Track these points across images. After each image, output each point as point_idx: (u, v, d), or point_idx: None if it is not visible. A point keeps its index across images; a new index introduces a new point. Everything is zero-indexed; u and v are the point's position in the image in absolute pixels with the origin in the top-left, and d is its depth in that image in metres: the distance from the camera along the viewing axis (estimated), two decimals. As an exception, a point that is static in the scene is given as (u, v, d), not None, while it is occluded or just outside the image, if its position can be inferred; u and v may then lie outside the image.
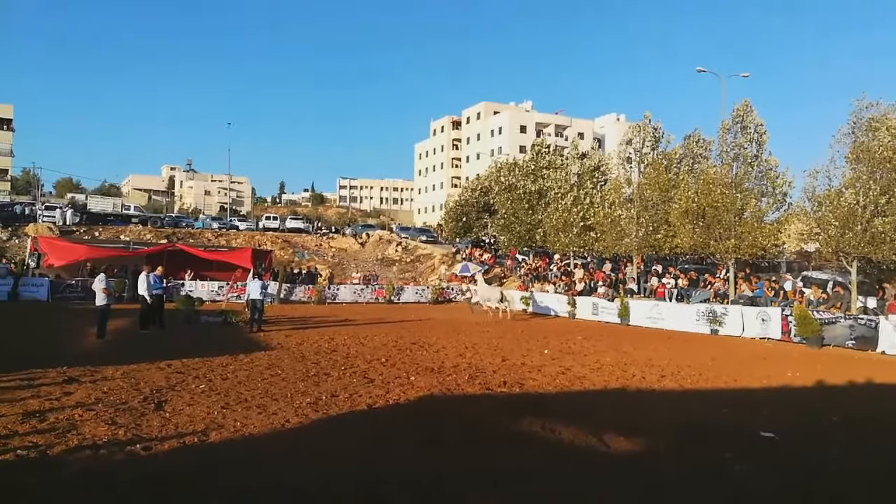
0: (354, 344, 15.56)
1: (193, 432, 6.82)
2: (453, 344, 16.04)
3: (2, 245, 38.99)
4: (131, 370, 10.63)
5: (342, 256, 51.13)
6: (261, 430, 7.06)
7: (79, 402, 8.09)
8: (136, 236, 44.71)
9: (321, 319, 22.90)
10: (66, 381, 9.44)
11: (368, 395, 9.10)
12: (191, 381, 9.88)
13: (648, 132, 29.93)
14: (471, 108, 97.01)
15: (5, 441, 6.30)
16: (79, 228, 45.77)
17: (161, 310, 17.65)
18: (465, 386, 10.11)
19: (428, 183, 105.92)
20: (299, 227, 61.68)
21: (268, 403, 8.37)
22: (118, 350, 13.18)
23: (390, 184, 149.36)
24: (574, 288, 29.77)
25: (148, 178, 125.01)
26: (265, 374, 10.77)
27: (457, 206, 50.36)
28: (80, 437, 6.51)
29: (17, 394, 8.47)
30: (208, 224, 58.03)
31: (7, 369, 10.08)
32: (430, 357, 13.49)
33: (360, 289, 35.74)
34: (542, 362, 13.04)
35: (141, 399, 8.42)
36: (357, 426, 7.50)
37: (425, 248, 53.01)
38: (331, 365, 12.00)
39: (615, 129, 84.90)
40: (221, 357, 12.41)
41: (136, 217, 51.97)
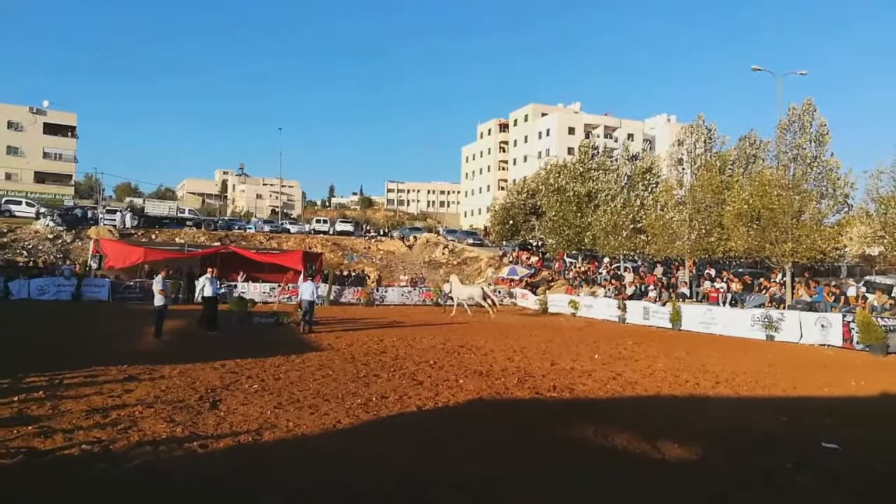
0: (403, 346, 15.65)
1: (247, 431, 6.95)
2: (501, 347, 15.97)
3: (66, 247, 40.58)
4: (187, 369, 10.90)
5: (390, 259, 51.54)
6: (313, 430, 7.15)
7: (139, 400, 8.34)
8: (190, 239, 45.92)
9: (370, 321, 23.12)
10: (126, 379, 9.76)
11: (418, 398, 9.13)
12: (244, 380, 10.08)
13: (702, 133, 29.30)
14: (518, 110, 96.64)
15: (71, 435, 6.53)
16: (137, 231, 47.28)
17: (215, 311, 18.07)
18: (515, 390, 10.05)
19: (474, 186, 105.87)
20: (348, 230, 62.39)
21: (319, 404, 8.47)
22: (174, 350, 13.56)
23: (437, 187, 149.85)
24: (624, 292, 29.33)
25: (202, 182, 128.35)
26: (316, 374, 10.92)
27: (503, 208, 50.22)
28: (140, 433, 6.70)
29: (81, 390, 8.79)
30: (260, 227, 59.22)
31: (71, 366, 10.48)
32: (479, 360, 13.46)
33: (407, 291, 36.00)
34: (593, 367, 12.86)
35: (197, 398, 8.63)
36: (407, 428, 7.52)
37: (472, 251, 52.99)
38: (380, 366, 12.09)
39: (666, 131, 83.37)
40: (274, 357, 12.64)
41: (190, 220, 53.45)
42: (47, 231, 42.88)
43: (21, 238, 41.08)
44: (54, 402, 8.01)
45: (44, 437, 6.40)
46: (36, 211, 47.96)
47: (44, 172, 75.22)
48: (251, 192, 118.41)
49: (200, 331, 17.18)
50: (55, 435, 6.51)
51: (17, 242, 40.08)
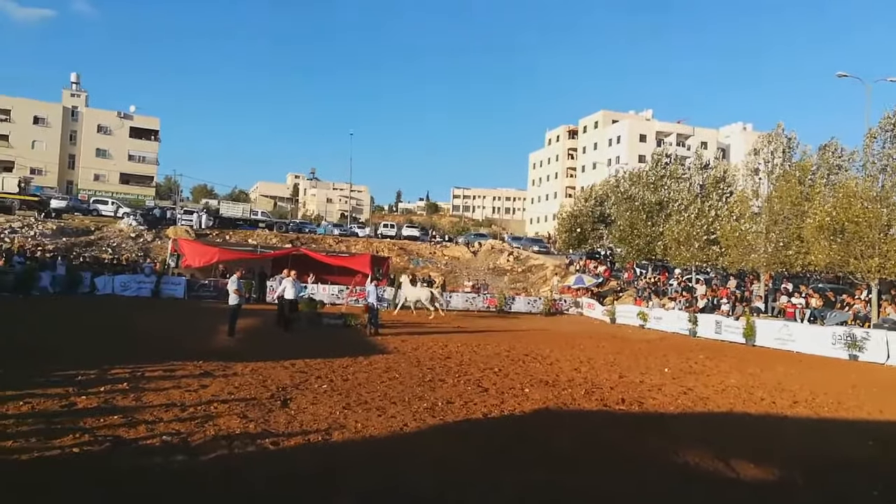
0: (467, 352, 15.66)
1: (317, 431, 7.10)
2: (567, 357, 15.78)
3: (146, 245, 42.47)
4: (259, 367, 11.22)
5: (454, 264, 51.70)
6: (380, 432, 7.25)
7: (214, 395, 8.63)
8: (263, 240, 47.25)
9: (434, 326, 23.23)
10: (202, 375, 10.13)
11: (483, 405, 9.12)
12: (313, 380, 10.30)
13: (781, 142, 28.20)
14: (588, 116, 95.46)
15: (152, 427, 6.82)
16: (212, 232, 49.00)
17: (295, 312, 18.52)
18: (582, 401, 9.91)
19: (541, 192, 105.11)
20: (414, 234, 62.93)
21: (386, 406, 8.57)
22: (247, 348, 13.98)
23: (503, 193, 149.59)
24: (695, 304, 28.50)
25: (274, 186, 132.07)
26: (383, 377, 11.05)
27: (571, 216, 49.58)
28: (216, 427, 6.94)
29: (160, 384, 9.17)
30: (329, 230, 60.43)
31: (151, 360, 10.95)
32: (544, 369, 13.33)
33: (471, 297, 35.98)
34: (662, 381, 12.55)
35: (268, 396, 8.87)
36: (473, 434, 7.53)
37: (537, 259, 52.59)
38: (445, 371, 12.14)
39: (741, 139, 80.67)
40: (342, 359, 12.86)
41: (263, 222, 55.08)
42: (130, 230, 45.00)
43: (106, 236, 43.24)
44: (137, 394, 8.40)
45: (128, 427, 6.71)
46: (115, 210, 50.42)
47: (128, 174, 79.14)
48: (321, 196, 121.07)
49: (275, 330, 17.63)
50: (138, 425, 6.82)
51: (103, 240, 42.19)
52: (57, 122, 76.97)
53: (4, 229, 38.36)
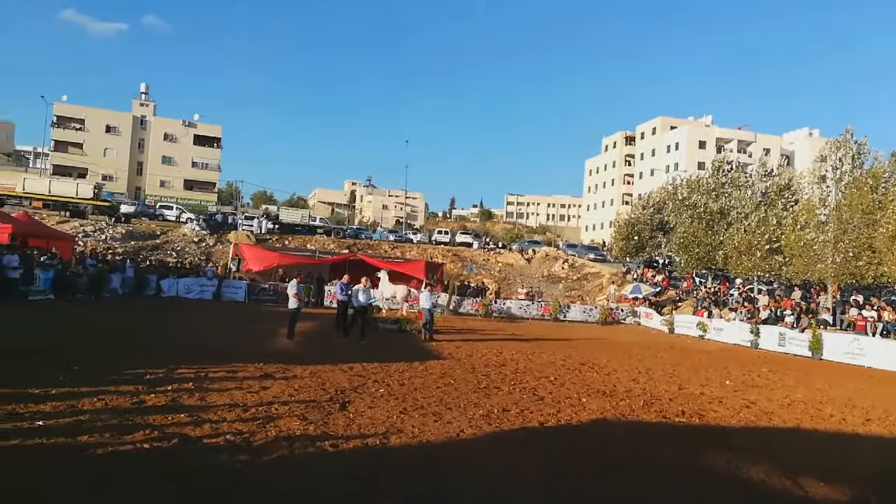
0: (522, 359, 15.58)
1: (375, 434, 7.18)
2: (625, 367, 15.52)
3: (209, 250, 43.79)
4: (317, 370, 11.41)
5: (508, 271, 51.50)
6: (437, 437, 7.27)
7: (275, 397, 8.83)
8: (320, 246, 48.12)
9: (488, 332, 23.21)
10: (262, 377, 10.36)
11: (540, 413, 9.05)
12: (371, 384, 10.42)
13: (850, 148, 27.14)
14: (646, 123, 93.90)
15: (216, 426, 7.02)
16: (271, 237, 50.19)
17: (345, 316, 18.71)
18: (640, 412, 9.73)
19: (597, 199, 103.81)
20: (468, 241, 63.00)
21: (443, 412, 8.61)
22: (305, 351, 14.25)
23: (557, 200, 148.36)
24: (758, 315, 27.63)
25: (331, 192, 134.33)
26: (439, 382, 11.10)
27: (628, 223, 48.78)
28: (277, 428, 7.09)
29: (223, 384, 9.43)
30: (385, 236, 61.11)
31: (215, 361, 11.28)
32: (601, 379, 13.15)
33: (525, 304, 35.76)
34: (724, 394, 12.21)
35: (327, 398, 9.01)
36: (530, 443, 7.49)
37: (593, 267, 51.92)
38: (500, 379, 12.10)
39: (807, 145, 78.00)
40: (397, 363, 12.97)
41: (320, 228, 56.10)
42: (193, 234, 46.50)
43: (171, 240, 44.78)
44: (201, 393, 8.65)
45: (194, 426, 6.92)
46: (177, 215, 52.17)
47: (192, 180, 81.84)
48: (377, 203, 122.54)
49: (333, 334, 17.86)
50: (203, 424, 7.03)
51: (168, 244, 43.71)
52: (127, 130, 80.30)
53: (79, 233, 40.13)
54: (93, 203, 48.39)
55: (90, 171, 72.97)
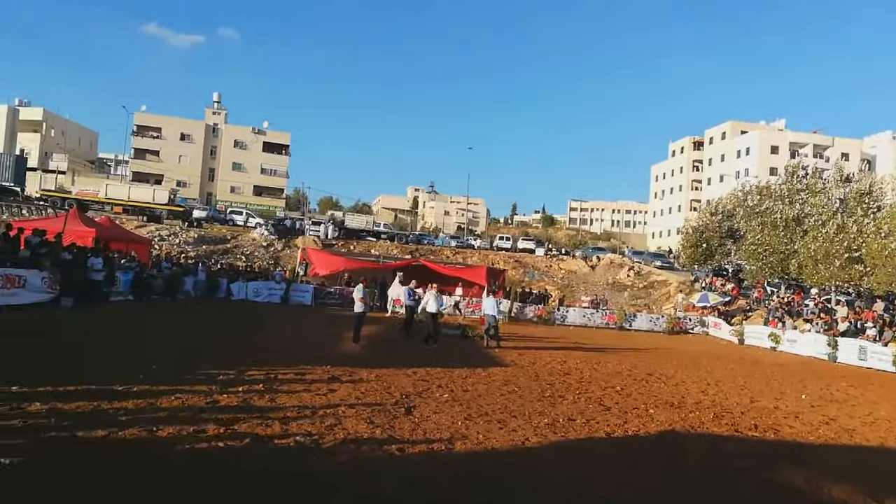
0: (587, 368, 15.36)
1: (440, 440, 7.21)
2: (693, 378, 15.11)
3: (277, 254, 44.97)
4: (382, 374, 11.55)
5: (571, 278, 50.90)
6: (502, 445, 7.25)
7: (342, 400, 8.98)
8: (384, 251, 48.73)
9: (551, 340, 23.00)
10: (330, 379, 10.56)
11: (606, 423, 8.91)
12: (434, 389, 10.48)
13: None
14: (715, 127, 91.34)
15: (286, 427, 7.19)
16: (337, 242, 51.14)
17: (412, 321, 18.92)
18: (710, 425, 9.45)
19: (664, 206, 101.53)
20: (530, 247, 62.60)
21: (507, 419, 8.57)
22: (370, 354, 14.44)
23: (622, 206, 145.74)
24: (835, 327, 26.41)
25: (395, 199, 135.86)
26: (502, 389, 11.06)
27: (696, 230, 47.46)
28: (345, 431, 7.22)
29: (292, 386, 9.66)
30: (447, 242, 61.35)
31: (284, 364, 11.56)
32: (669, 390, 12.83)
33: (589, 312, 35.23)
34: (800, 408, 11.73)
35: (392, 402, 9.11)
36: (596, 453, 7.38)
37: (660, 275, 50.79)
38: (565, 388, 11.97)
39: (890, 149, 74.32)
40: (461, 369, 13.00)
41: (384, 233, 56.90)
42: (262, 239, 47.84)
43: (241, 245, 46.20)
44: (271, 395, 8.88)
45: (265, 426, 7.11)
46: (245, 220, 53.81)
47: (261, 186, 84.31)
48: (439, 209, 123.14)
49: (397, 338, 18.06)
50: (273, 425, 7.21)
51: (238, 249, 45.12)
52: (200, 138, 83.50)
53: (155, 237, 41.89)
54: (168, 208, 50.47)
55: (165, 178, 76.12)
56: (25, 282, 17.62)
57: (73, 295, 19.25)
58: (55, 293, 18.83)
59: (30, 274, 17.93)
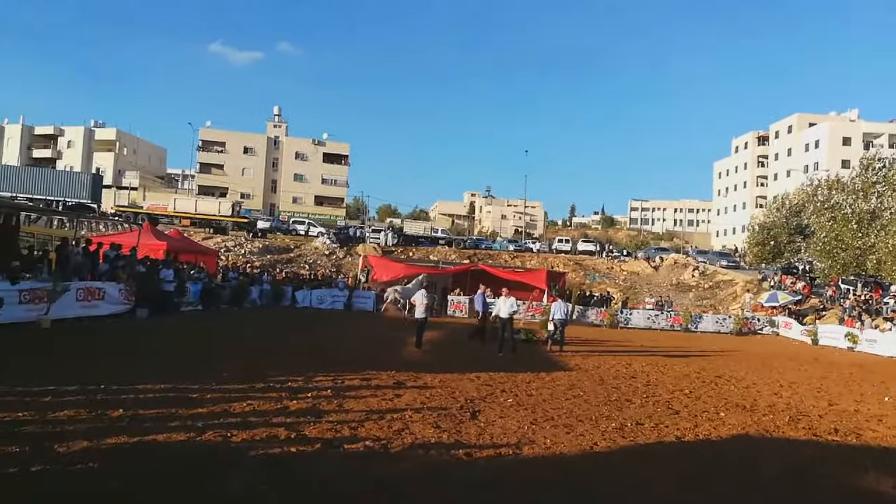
0: (653, 372, 15.07)
1: (507, 444, 7.20)
2: (765, 381, 14.62)
3: (339, 262, 45.80)
4: (446, 379, 11.61)
5: (634, 280, 50.05)
6: (570, 449, 7.19)
7: (408, 405, 9.07)
8: (443, 256, 49.04)
9: (615, 344, 22.65)
10: (395, 385, 10.69)
11: (676, 428, 8.72)
12: (499, 394, 10.47)
13: None
14: (780, 121, 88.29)
15: (355, 431, 7.32)
16: (396, 248, 51.74)
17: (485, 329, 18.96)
18: (786, 429, 9.12)
19: (728, 203, 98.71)
20: (590, 249, 61.85)
21: (574, 424, 8.50)
22: (433, 359, 14.55)
23: (685, 205, 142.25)
24: (918, 326, 25.11)
25: (451, 204, 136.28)
26: (567, 394, 10.96)
27: (763, 227, 45.93)
28: (412, 436, 7.29)
29: (359, 392, 9.81)
30: (505, 246, 61.25)
31: (350, 370, 11.76)
32: (740, 393, 12.46)
33: (653, 314, 34.54)
34: (883, 411, 11.19)
35: (458, 407, 9.14)
36: (667, 458, 7.23)
37: (725, 274, 49.42)
38: (631, 391, 11.77)
39: (976, 136, 70.16)
40: (524, 374, 12.94)
41: (442, 239, 57.27)
42: (324, 248, 48.85)
43: (304, 254, 47.29)
44: (339, 400, 9.04)
45: (334, 432, 7.25)
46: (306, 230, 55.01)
47: (322, 196, 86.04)
48: (496, 213, 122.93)
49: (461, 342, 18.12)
50: (343, 429, 7.35)
51: (301, 257, 46.20)
52: (262, 150, 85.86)
53: (221, 248, 43.27)
54: (233, 220, 52.08)
55: (230, 190, 78.57)
56: (104, 294, 18.49)
57: (148, 305, 20.07)
58: (131, 304, 19.68)
59: (108, 286, 18.80)
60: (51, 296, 15.91)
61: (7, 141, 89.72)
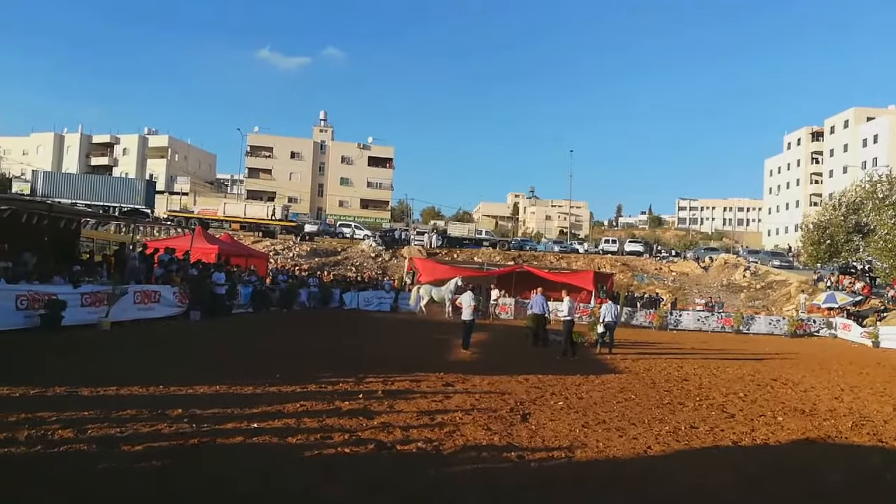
0: (706, 374, 14.76)
1: (559, 447, 7.15)
2: (824, 384, 14.17)
3: (384, 264, 46.18)
4: (495, 381, 11.59)
5: (683, 281, 49.10)
6: (624, 453, 7.09)
7: (458, 406, 9.08)
8: (487, 258, 48.99)
9: (665, 346, 22.30)
10: (444, 386, 10.73)
11: (732, 431, 8.52)
12: (548, 396, 10.40)
13: None
14: (835, 116, 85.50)
15: (406, 433, 7.36)
16: (441, 251, 51.88)
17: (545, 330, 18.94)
18: (849, 434, 8.82)
19: (780, 201, 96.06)
20: (638, 250, 60.94)
21: (626, 427, 8.38)
22: (480, 361, 14.55)
23: (735, 203, 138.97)
24: None
25: (495, 206, 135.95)
26: (618, 396, 10.83)
27: (818, 226, 44.51)
28: (464, 438, 7.30)
29: (409, 394, 9.87)
30: (550, 247, 60.81)
31: (399, 371, 11.85)
32: (798, 396, 12.10)
33: (704, 316, 33.82)
34: (952, 416, 10.72)
35: (508, 409, 9.11)
36: (724, 462, 7.06)
37: (778, 274, 48.08)
38: (684, 394, 11.55)
39: None
40: (573, 376, 12.84)
41: (486, 241, 57.20)
42: (370, 250, 49.32)
43: (350, 256, 47.84)
44: (390, 401, 9.11)
45: (386, 433, 7.31)
46: (351, 233, 55.62)
47: (367, 199, 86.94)
48: (540, 214, 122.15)
49: (510, 344, 18.06)
50: (395, 431, 7.40)
51: (348, 260, 46.75)
52: (308, 155, 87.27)
53: (270, 251, 44.09)
54: (281, 223, 53.02)
55: (278, 194, 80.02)
56: (160, 297, 19.04)
57: (200, 308, 20.59)
58: (184, 307, 20.22)
59: (163, 289, 19.37)
60: (110, 299, 16.47)
61: (67, 149, 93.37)
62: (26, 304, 14.29)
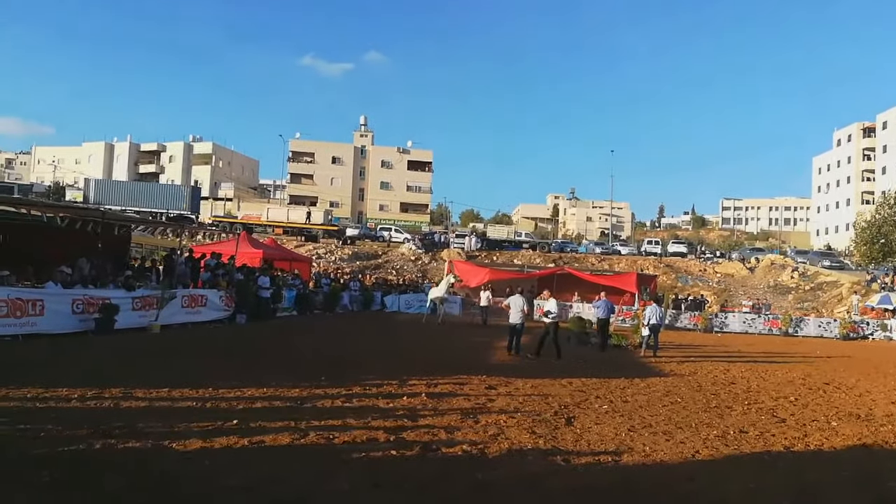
0: (754, 378, 14.43)
1: (605, 451, 7.07)
2: (880, 388, 13.71)
3: (424, 267, 46.37)
4: (538, 384, 11.54)
5: (728, 282, 48.11)
6: (671, 458, 6.99)
7: (501, 409, 9.07)
8: (527, 260, 48.74)
9: (711, 348, 21.90)
10: (487, 388, 10.72)
11: (783, 437, 8.32)
12: (593, 400, 10.31)
13: None
14: (889, 110, 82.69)
15: (451, 436, 7.37)
16: (480, 253, 51.83)
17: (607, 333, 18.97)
18: (908, 440, 8.53)
19: (829, 200, 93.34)
20: (681, 251, 59.91)
21: (673, 431, 8.26)
22: (522, 364, 14.49)
23: (781, 202, 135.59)
24: None
25: (534, 207, 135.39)
26: (664, 400, 10.67)
27: (872, 225, 43.10)
28: (508, 441, 7.28)
29: (453, 396, 9.89)
30: (591, 249, 60.26)
31: (443, 373, 11.89)
32: (852, 401, 11.74)
33: (750, 318, 33.07)
34: None
35: (552, 413, 9.06)
36: (776, 468, 6.90)
37: (829, 275, 46.70)
38: (731, 398, 11.32)
39: None
40: (617, 379, 12.70)
41: (526, 243, 56.96)
42: (410, 253, 49.58)
43: (391, 259, 48.17)
44: (434, 404, 9.15)
45: (431, 435, 7.34)
46: (389, 237, 56.05)
47: (407, 203, 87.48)
48: (581, 215, 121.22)
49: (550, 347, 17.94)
50: (439, 433, 7.43)
51: (389, 263, 47.08)
52: (349, 160, 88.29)
53: (313, 255, 44.69)
54: (323, 228, 53.72)
55: (319, 199, 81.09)
56: (207, 301, 19.47)
57: (246, 311, 20.98)
58: (231, 310, 20.63)
59: (210, 293, 19.80)
60: (160, 303, 16.92)
61: (117, 157, 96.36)
62: (81, 307, 14.80)
